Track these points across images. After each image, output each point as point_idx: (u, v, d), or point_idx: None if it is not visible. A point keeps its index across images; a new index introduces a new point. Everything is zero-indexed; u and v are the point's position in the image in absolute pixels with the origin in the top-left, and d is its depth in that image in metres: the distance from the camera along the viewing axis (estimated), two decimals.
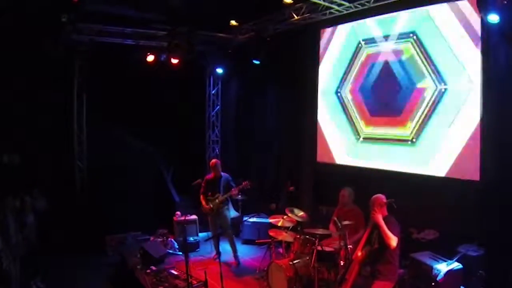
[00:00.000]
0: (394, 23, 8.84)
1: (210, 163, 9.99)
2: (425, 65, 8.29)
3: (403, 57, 8.67)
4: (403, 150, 8.78)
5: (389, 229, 5.84)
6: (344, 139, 10.08)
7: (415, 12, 8.45)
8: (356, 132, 9.75)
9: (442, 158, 8.07)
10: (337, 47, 10.19)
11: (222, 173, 9.73)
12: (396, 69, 8.81)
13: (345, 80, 10.00)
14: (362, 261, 6.18)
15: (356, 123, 9.76)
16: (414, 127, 8.55)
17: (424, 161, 8.38)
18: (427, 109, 8.29)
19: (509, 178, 6.93)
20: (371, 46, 9.35)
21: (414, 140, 8.55)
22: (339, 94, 10.16)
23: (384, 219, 6.00)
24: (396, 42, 8.82)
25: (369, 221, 6.44)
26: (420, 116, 8.42)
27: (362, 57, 9.54)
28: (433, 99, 8.18)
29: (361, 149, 9.67)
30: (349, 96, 9.90)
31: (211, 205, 9.51)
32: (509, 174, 6.95)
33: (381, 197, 6.24)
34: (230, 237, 9.70)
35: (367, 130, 9.52)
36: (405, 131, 8.71)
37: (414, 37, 8.47)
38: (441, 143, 8.08)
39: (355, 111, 9.77)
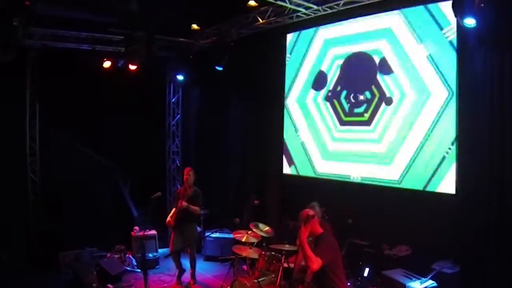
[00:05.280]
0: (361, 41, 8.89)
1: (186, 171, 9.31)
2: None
3: None
4: (375, 160, 8.68)
5: (320, 248, 5.02)
6: (316, 147, 9.92)
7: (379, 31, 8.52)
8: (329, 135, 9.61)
9: (415, 169, 7.95)
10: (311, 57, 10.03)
11: (194, 187, 9.21)
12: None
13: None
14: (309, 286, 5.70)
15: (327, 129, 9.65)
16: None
17: (396, 172, 8.26)
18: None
19: (486, 191, 6.76)
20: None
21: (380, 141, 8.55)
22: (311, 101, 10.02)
23: (318, 237, 5.18)
24: None
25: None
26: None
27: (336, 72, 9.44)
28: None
29: (333, 154, 9.56)
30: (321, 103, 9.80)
31: (170, 219, 9.11)
32: (485, 186, 6.78)
33: (306, 212, 5.26)
34: (192, 253, 9.28)
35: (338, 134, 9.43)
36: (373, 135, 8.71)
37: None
38: (412, 153, 7.99)
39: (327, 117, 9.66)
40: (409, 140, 8.02)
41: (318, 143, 9.77)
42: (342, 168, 9.24)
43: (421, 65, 7.81)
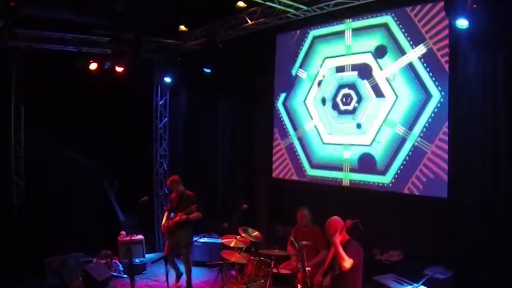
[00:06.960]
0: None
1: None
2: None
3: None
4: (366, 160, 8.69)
5: (349, 251, 5.72)
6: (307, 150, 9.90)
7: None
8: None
9: (406, 173, 7.95)
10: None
11: (186, 191, 9.29)
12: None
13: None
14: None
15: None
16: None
17: (387, 175, 8.28)
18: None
19: (479, 195, 6.74)
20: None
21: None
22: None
23: (345, 243, 5.85)
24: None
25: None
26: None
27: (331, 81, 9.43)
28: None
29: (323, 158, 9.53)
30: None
31: (164, 223, 9.19)
32: (478, 191, 6.76)
33: (337, 221, 6.07)
34: (185, 256, 9.24)
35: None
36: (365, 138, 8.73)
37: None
38: (403, 157, 7.99)
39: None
40: (401, 143, 8.01)
41: (309, 146, 9.76)
42: (331, 171, 9.21)
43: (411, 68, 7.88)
